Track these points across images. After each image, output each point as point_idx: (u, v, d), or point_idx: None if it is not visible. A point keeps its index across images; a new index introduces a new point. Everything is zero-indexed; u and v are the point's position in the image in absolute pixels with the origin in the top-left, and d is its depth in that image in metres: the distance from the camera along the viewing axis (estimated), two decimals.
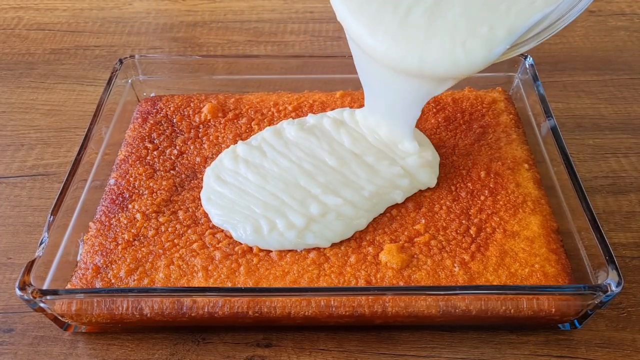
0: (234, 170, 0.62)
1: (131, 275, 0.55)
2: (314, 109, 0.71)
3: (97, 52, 0.92)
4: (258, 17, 1.00)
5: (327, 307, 0.52)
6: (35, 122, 0.79)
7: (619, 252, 0.62)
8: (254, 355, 0.54)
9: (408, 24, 0.55)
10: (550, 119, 0.66)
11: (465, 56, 0.53)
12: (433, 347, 0.54)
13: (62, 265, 0.56)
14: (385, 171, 0.61)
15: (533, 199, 0.61)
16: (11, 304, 0.58)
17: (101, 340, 0.55)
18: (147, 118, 0.70)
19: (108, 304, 0.52)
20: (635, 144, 0.74)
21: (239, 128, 0.69)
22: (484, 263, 0.55)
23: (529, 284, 0.54)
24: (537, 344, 0.54)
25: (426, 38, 0.54)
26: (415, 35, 0.55)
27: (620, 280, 0.50)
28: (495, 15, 0.53)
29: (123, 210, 0.60)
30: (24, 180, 0.71)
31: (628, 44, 0.92)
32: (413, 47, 0.55)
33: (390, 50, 0.55)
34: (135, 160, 0.65)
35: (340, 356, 0.54)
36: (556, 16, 0.53)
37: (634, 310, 0.57)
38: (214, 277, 0.55)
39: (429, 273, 0.55)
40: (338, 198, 0.59)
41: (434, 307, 0.52)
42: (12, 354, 0.55)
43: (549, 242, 0.57)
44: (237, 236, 0.57)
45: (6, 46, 0.94)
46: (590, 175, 0.70)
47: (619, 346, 0.54)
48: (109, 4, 1.03)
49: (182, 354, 0.54)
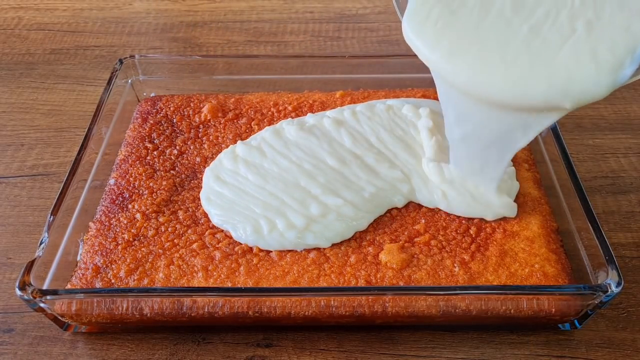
0: (234, 171, 0.62)
1: (131, 275, 0.55)
2: (314, 109, 0.71)
3: (97, 52, 0.93)
4: (258, 17, 1.00)
5: (327, 307, 0.52)
6: (35, 122, 0.79)
7: (618, 252, 0.62)
8: (254, 355, 0.54)
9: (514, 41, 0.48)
10: None
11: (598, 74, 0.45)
12: (433, 347, 0.54)
13: (62, 265, 0.56)
14: (386, 173, 0.61)
15: (533, 199, 0.61)
16: (11, 304, 0.58)
17: (101, 340, 0.55)
18: (147, 118, 0.70)
19: (108, 304, 0.52)
20: (635, 144, 0.74)
21: (239, 128, 0.69)
22: (484, 263, 0.55)
23: (529, 284, 0.54)
24: (537, 344, 0.54)
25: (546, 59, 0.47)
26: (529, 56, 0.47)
27: (620, 280, 0.50)
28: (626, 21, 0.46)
29: (123, 210, 0.60)
30: (23, 180, 0.71)
31: None
32: (530, 70, 0.47)
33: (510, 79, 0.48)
34: (135, 160, 0.65)
35: (340, 356, 0.54)
36: None
37: (634, 310, 0.57)
38: (214, 277, 0.55)
39: (429, 273, 0.55)
40: (338, 198, 0.59)
41: (434, 307, 0.52)
42: (12, 354, 0.55)
43: (549, 242, 0.57)
44: (237, 236, 0.57)
45: (6, 46, 0.94)
46: (590, 175, 0.70)
47: (619, 346, 0.54)
48: (109, 4, 1.03)
49: (182, 354, 0.54)
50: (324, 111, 0.69)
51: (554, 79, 0.46)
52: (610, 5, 0.47)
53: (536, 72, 0.47)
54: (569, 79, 0.46)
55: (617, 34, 0.46)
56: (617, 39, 0.46)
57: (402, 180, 0.61)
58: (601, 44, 0.46)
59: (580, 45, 0.46)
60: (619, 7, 0.47)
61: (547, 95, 0.47)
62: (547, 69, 0.47)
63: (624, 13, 0.47)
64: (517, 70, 0.47)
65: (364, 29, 0.98)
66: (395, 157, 0.62)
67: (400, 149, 0.63)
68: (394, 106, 0.67)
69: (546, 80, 0.47)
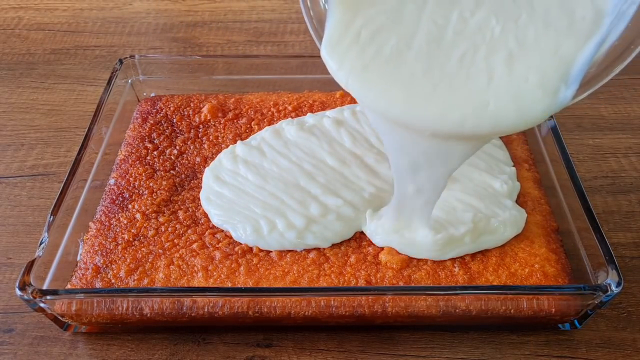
0: (234, 171, 0.62)
1: (131, 275, 0.55)
2: (314, 109, 0.71)
3: (97, 52, 0.92)
4: (258, 17, 1.00)
5: (327, 307, 0.52)
6: (35, 122, 0.79)
7: (618, 252, 0.62)
8: (254, 356, 0.54)
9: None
10: (550, 118, 0.66)
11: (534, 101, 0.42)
12: (433, 347, 0.54)
13: (62, 265, 0.56)
14: (385, 174, 0.61)
15: (533, 198, 0.61)
16: (11, 304, 0.58)
17: (101, 341, 0.55)
18: (147, 118, 0.70)
19: (108, 304, 0.52)
20: (635, 144, 0.74)
21: (239, 128, 0.69)
22: (484, 263, 0.55)
23: (529, 284, 0.54)
24: (537, 344, 0.54)
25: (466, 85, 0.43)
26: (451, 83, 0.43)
27: (620, 280, 0.50)
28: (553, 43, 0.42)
29: (123, 210, 0.60)
30: (23, 180, 0.71)
31: None
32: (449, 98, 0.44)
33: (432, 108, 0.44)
34: (135, 160, 0.65)
35: (340, 356, 0.54)
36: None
37: (634, 310, 0.57)
38: (214, 277, 0.55)
39: (429, 273, 0.55)
40: (338, 198, 0.59)
41: (434, 307, 0.52)
42: (12, 354, 0.55)
43: (549, 242, 0.57)
44: (237, 236, 0.57)
45: (6, 46, 0.94)
46: (590, 175, 0.70)
47: (619, 346, 0.54)
48: (109, 4, 1.03)
49: (182, 354, 0.54)
50: (324, 111, 0.69)
51: (482, 119, 0.43)
52: (534, 29, 0.43)
53: (463, 109, 0.43)
54: (498, 115, 0.43)
55: (545, 60, 0.42)
56: (545, 65, 0.42)
57: None
58: (529, 74, 0.42)
59: (505, 80, 0.43)
60: (544, 29, 0.43)
61: (477, 130, 0.44)
62: (472, 103, 0.43)
63: (549, 34, 0.43)
64: (452, 112, 0.44)
65: None
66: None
67: None
68: None
69: (474, 118, 0.43)
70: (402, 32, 0.45)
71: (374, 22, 0.46)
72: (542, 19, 0.43)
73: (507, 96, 0.42)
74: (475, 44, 0.44)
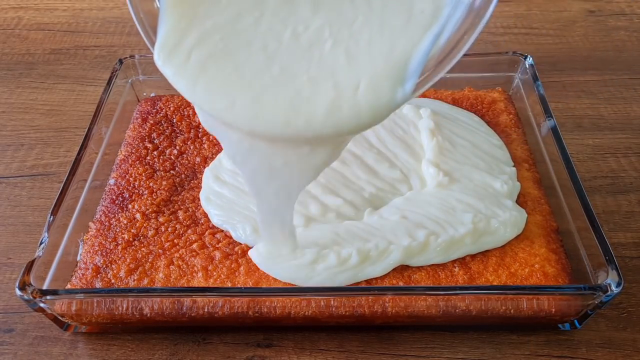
0: (233, 171, 0.62)
1: (131, 275, 0.55)
2: None
3: (97, 52, 0.92)
4: None
5: (327, 307, 0.52)
6: (35, 122, 0.79)
7: (618, 252, 0.62)
8: (254, 356, 0.54)
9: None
10: (550, 119, 0.66)
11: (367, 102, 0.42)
12: (433, 347, 0.54)
13: (62, 265, 0.56)
14: (385, 174, 0.61)
15: (533, 199, 0.61)
16: (11, 304, 0.58)
17: (101, 341, 0.55)
18: (147, 118, 0.70)
19: (108, 304, 0.52)
20: (635, 144, 0.74)
21: None
22: (484, 263, 0.55)
23: (529, 284, 0.54)
24: (537, 344, 0.54)
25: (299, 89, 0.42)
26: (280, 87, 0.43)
27: (620, 280, 0.50)
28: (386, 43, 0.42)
29: (123, 210, 0.60)
30: (23, 180, 0.71)
31: (628, 44, 0.92)
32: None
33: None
34: (135, 160, 0.65)
35: (340, 356, 0.54)
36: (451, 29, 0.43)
37: (634, 310, 0.57)
38: (213, 277, 0.55)
39: (429, 273, 0.55)
40: (338, 198, 0.59)
41: (434, 307, 0.52)
42: (12, 354, 0.55)
43: (549, 242, 0.57)
44: (237, 236, 0.57)
45: (6, 46, 0.94)
46: (590, 175, 0.70)
47: (619, 346, 0.54)
48: (109, 4, 1.03)
49: (182, 354, 0.54)
50: None
51: (314, 116, 0.42)
52: (369, 32, 0.43)
53: (303, 107, 0.43)
54: (329, 116, 0.42)
55: (378, 64, 0.42)
56: (378, 69, 0.42)
57: (401, 180, 0.61)
58: (361, 79, 0.42)
59: (337, 88, 0.42)
60: (379, 29, 0.43)
61: (311, 131, 0.43)
62: (310, 105, 0.43)
63: (384, 35, 0.43)
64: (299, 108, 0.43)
65: None
66: (395, 157, 0.62)
67: (400, 149, 0.63)
68: None
69: (306, 117, 0.43)
70: (239, 40, 0.44)
71: (209, 29, 0.45)
72: (380, 18, 0.43)
73: (339, 104, 0.42)
74: (311, 55, 0.43)
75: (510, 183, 0.60)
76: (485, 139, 0.65)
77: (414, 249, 0.54)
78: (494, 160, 0.63)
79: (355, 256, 0.53)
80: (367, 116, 0.42)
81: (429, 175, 0.60)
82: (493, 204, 0.58)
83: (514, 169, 0.63)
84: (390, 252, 0.54)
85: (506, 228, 0.56)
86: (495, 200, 0.58)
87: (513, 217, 0.57)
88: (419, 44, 0.42)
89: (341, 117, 0.42)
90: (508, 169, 0.62)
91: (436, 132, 0.63)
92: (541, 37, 0.94)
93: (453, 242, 0.54)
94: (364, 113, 0.42)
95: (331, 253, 0.53)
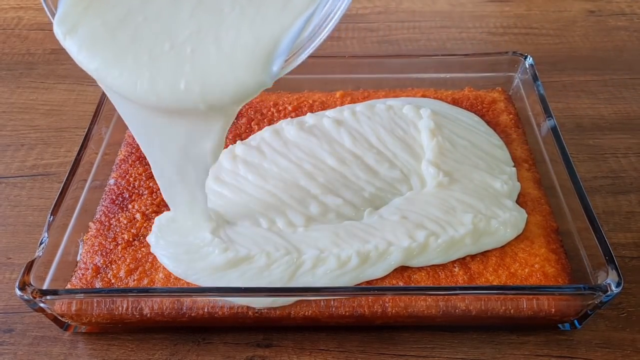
0: (233, 171, 0.62)
1: (131, 275, 0.55)
2: (313, 108, 0.71)
3: None
4: None
5: (327, 307, 0.52)
6: (35, 122, 0.79)
7: (618, 252, 0.62)
8: (254, 356, 0.54)
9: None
10: (550, 118, 0.66)
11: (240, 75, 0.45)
12: (433, 347, 0.54)
13: (62, 265, 0.56)
14: (385, 174, 0.61)
15: (533, 199, 0.61)
16: (11, 304, 0.58)
17: (101, 341, 0.55)
18: None
19: (108, 304, 0.52)
20: (635, 144, 0.74)
21: (239, 128, 0.69)
22: (484, 263, 0.55)
23: (529, 284, 0.54)
24: (537, 344, 0.54)
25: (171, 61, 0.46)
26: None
27: (620, 281, 0.50)
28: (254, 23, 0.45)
29: (123, 210, 0.60)
30: (24, 180, 0.71)
31: (628, 44, 0.92)
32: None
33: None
34: (135, 160, 0.65)
35: (340, 356, 0.54)
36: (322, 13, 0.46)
37: (634, 311, 0.57)
38: None
39: (429, 273, 0.55)
40: (338, 198, 0.59)
41: (434, 307, 0.52)
42: (12, 354, 0.55)
43: (549, 242, 0.57)
44: None
45: (6, 46, 0.94)
46: (590, 175, 0.70)
47: (619, 346, 0.54)
48: None
49: (182, 354, 0.54)
50: (324, 111, 0.69)
51: (193, 83, 0.46)
52: (243, 19, 0.46)
53: (179, 74, 0.46)
54: (208, 82, 0.46)
55: (249, 45, 0.45)
56: (248, 48, 0.45)
57: (401, 180, 0.61)
58: (237, 53, 0.45)
59: (211, 66, 0.46)
60: (251, 19, 0.46)
61: (183, 97, 0.46)
62: (190, 71, 0.46)
63: (255, 23, 0.46)
64: (162, 72, 0.47)
65: (364, 29, 0.98)
66: (395, 157, 0.62)
67: (400, 149, 0.63)
68: (394, 106, 0.67)
69: (185, 83, 0.46)
70: (134, 18, 0.48)
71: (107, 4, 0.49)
72: (256, 7, 0.46)
73: (211, 81, 0.46)
74: (192, 37, 0.47)
75: (510, 183, 0.60)
76: (485, 139, 0.65)
77: (413, 250, 0.54)
78: (494, 160, 0.63)
79: (355, 258, 0.53)
80: (236, 92, 0.46)
81: (429, 176, 0.60)
82: (493, 204, 0.58)
83: (514, 169, 0.63)
84: (390, 254, 0.54)
85: (506, 228, 0.56)
86: (495, 200, 0.58)
87: (513, 217, 0.57)
88: (289, 28, 0.45)
89: (214, 92, 0.46)
90: (508, 169, 0.62)
91: (436, 132, 0.63)
92: (541, 37, 0.95)
93: (453, 242, 0.55)
94: (233, 89, 0.46)
95: (331, 256, 0.54)
